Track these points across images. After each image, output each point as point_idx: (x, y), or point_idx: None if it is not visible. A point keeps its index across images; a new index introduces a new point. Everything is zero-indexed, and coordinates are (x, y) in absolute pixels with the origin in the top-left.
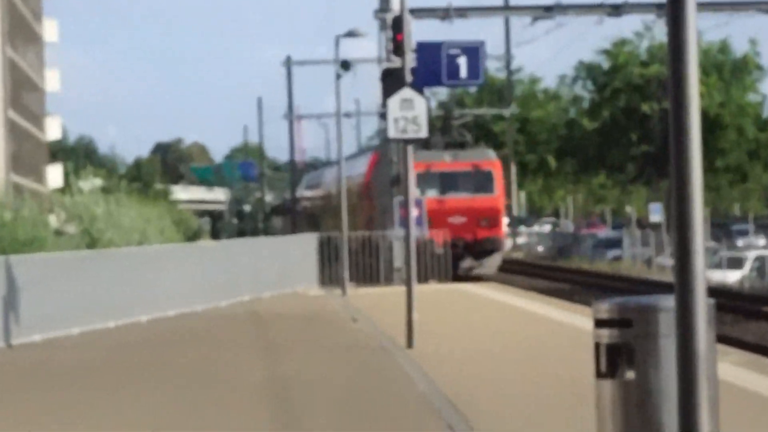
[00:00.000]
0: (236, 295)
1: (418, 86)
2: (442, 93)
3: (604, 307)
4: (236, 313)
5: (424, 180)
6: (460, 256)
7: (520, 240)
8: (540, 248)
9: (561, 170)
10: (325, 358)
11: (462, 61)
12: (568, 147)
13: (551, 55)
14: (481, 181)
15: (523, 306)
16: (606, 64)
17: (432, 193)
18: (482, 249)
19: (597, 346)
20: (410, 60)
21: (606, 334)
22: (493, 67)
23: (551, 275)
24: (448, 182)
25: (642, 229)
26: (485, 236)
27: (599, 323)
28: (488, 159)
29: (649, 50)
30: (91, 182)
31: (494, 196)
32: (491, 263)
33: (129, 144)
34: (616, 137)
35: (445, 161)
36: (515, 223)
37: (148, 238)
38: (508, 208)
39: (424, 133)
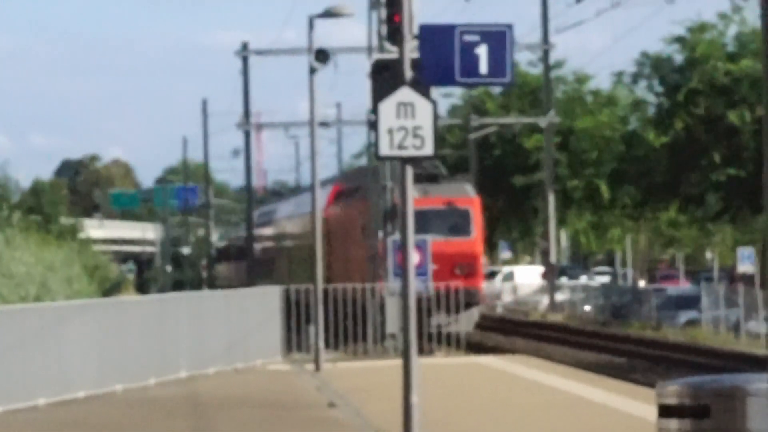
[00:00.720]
0: (170, 371)
1: (423, 85)
2: (455, 95)
3: (672, 390)
4: (168, 396)
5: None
6: (429, 311)
7: (561, 296)
8: (587, 308)
9: (617, 201)
10: None
11: (482, 52)
12: (627, 170)
13: (604, 45)
14: (456, 221)
15: (564, 387)
16: (679, 58)
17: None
18: (456, 302)
19: None
20: (412, 49)
21: (675, 426)
22: (525, 60)
23: (603, 345)
24: (417, 222)
25: (728, 282)
26: (461, 287)
27: (665, 411)
28: (465, 195)
29: (737, 38)
30: None
31: (471, 239)
32: (467, 320)
33: (25, 161)
34: (692, 157)
35: (419, 198)
36: (554, 273)
37: (51, 290)
38: (544, 254)
39: (429, 149)
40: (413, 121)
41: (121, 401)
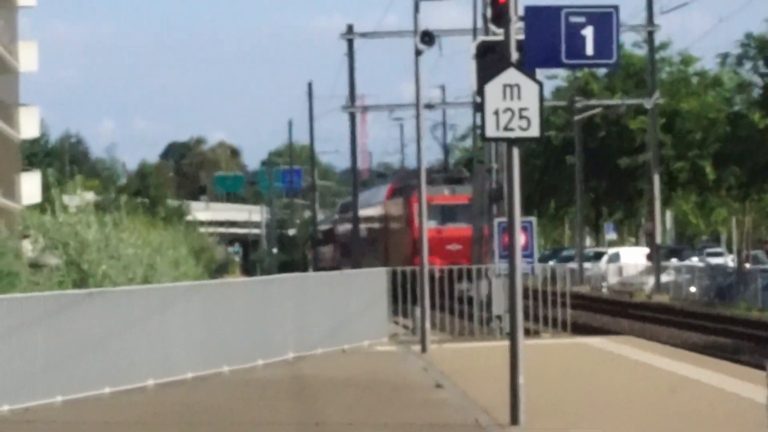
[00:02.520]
0: (277, 353)
1: (529, 67)
2: (560, 77)
3: None
4: (276, 377)
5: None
6: (457, 280)
7: (666, 277)
8: (692, 289)
9: (722, 182)
10: None
11: (588, 33)
12: (733, 151)
13: (710, 26)
14: (470, 212)
15: (670, 368)
16: None
17: (432, 224)
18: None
19: None
20: (517, 31)
21: None
22: (629, 41)
23: (708, 326)
24: (446, 214)
25: None
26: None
27: None
28: None
29: None
30: (79, 197)
31: (488, 226)
32: (483, 285)
33: (132, 145)
34: None
35: (445, 194)
36: (658, 254)
37: (158, 272)
38: (649, 236)
39: (535, 130)
40: (519, 102)
41: (228, 382)
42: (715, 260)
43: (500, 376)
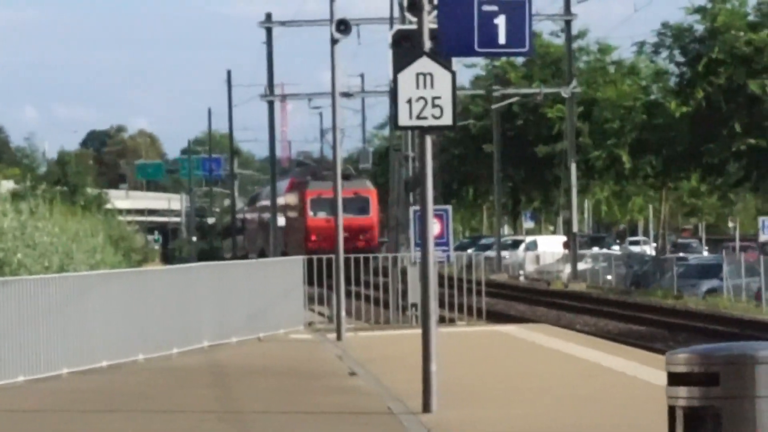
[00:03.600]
0: (193, 341)
1: (443, 56)
2: (478, 65)
3: (682, 358)
4: (190, 365)
5: (317, 204)
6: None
7: (583, 265)
8: (609, 277)
9: (639, 171)
10: (311, 427)
11: (501, 22)
12: (649, 139)
13: (626, 15)
14: (360, 204)
15: (583, 355)
16: (700, 27)
17: (322, 215)
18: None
19: (672, 410)
20: (431, 19)
21: (684, 394)
22: (547, 30)
23: (624, 314)
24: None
25: (760, 254)
26: (362, 246)
27: (675, 379)
28: (366, 188)
29: (758, 8)
30: None
31: (369, 217)
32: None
33: (52, 133)
34: (713, 126)
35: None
36: (575, 242)
37: (75, 261)
38: (568, 223)
39: (448, 119)
40: (432, 91)
41: (144, 370)
42: (636, 248)
43: (414, 364)
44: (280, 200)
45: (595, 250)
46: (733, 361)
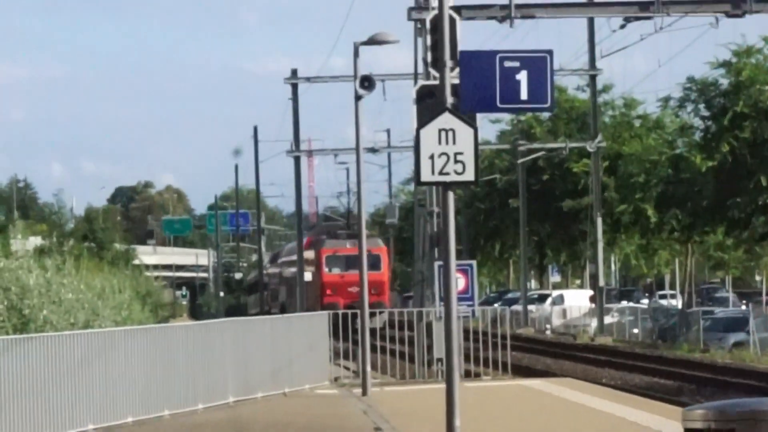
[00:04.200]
0: (218, 397)
1: (465, 111)
2: (503, 120)
3: (698, 414)
4: (215, 421)
5: (332, 260)
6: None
7: (610, 319)
8: (635, 330)
9: (664, 225)
10: None
11: (523, 78)
12: (675, 193)
13: (650, 69)
14: (372, 261)
15: (609, 410)
16: (725, 82)
17: (337, 270)
18: (371, 310)
19: None
20: (453, 75)
21: None
22: (573, 84)
23: (650, 368)
24: (349, 262)
25: None
26: (373, 300)
27: None
28: (377, 246)
29: None
30: (24, 242)
31: (381, 273)
32: (376, 319)
33: (80, 189)
34: (739, 180)
35: (347, 247)
36: (602, 296)
37: (101, 317)
38: (594, 277)
39: (470, 174)
40: (455, 146)
41: (168, 426)
42: (664, 302)
43: (440, 418)
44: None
45: (624, 303)
46: (747, 417)
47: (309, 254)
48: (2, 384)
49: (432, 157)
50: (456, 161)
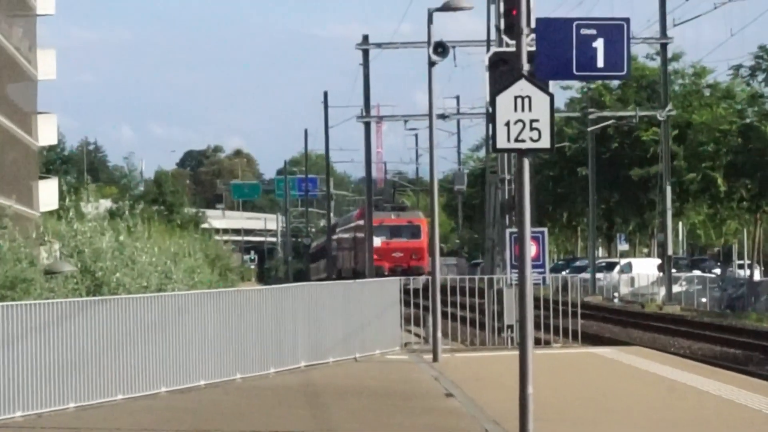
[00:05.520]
0: (289, 361)
1: (540, 78)
2: (573, 88)
3: None
4: (287, 385)
5: (378, 230)
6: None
7: (677, 288)
8: (704, 300)
9: (733, 194)
10: None
11: (599, 46)
12: (744, 162)
13: (722, 38)
14: (413, 231)
15: (679, 378)
16: None
17: (382, 238)
18: (412, 272)
19: None
20: (529, 42)
21: None
22: (642, 53)
23: (718, 337)
24: (393, 231)
25: None
26: (414, 264)
27: None
28: (418, 218)
29: None
30: (96, 204)
31: (420, 241)
32: (419, 280)
33: (149, 152)
34: None
35: (392, 218)
36: (670, 265)
37: (173, 281)
38: (662, 246)
39: (546, 141)
40: (530, 113)
41: (240, 390)
42: (740, 272)
43: (510, 385)
44: (351, 226)
45: (696, 272)
46: None
47: (361, 224)
48: (76, 346)
49: (508, 123)
50: (532, 128)
